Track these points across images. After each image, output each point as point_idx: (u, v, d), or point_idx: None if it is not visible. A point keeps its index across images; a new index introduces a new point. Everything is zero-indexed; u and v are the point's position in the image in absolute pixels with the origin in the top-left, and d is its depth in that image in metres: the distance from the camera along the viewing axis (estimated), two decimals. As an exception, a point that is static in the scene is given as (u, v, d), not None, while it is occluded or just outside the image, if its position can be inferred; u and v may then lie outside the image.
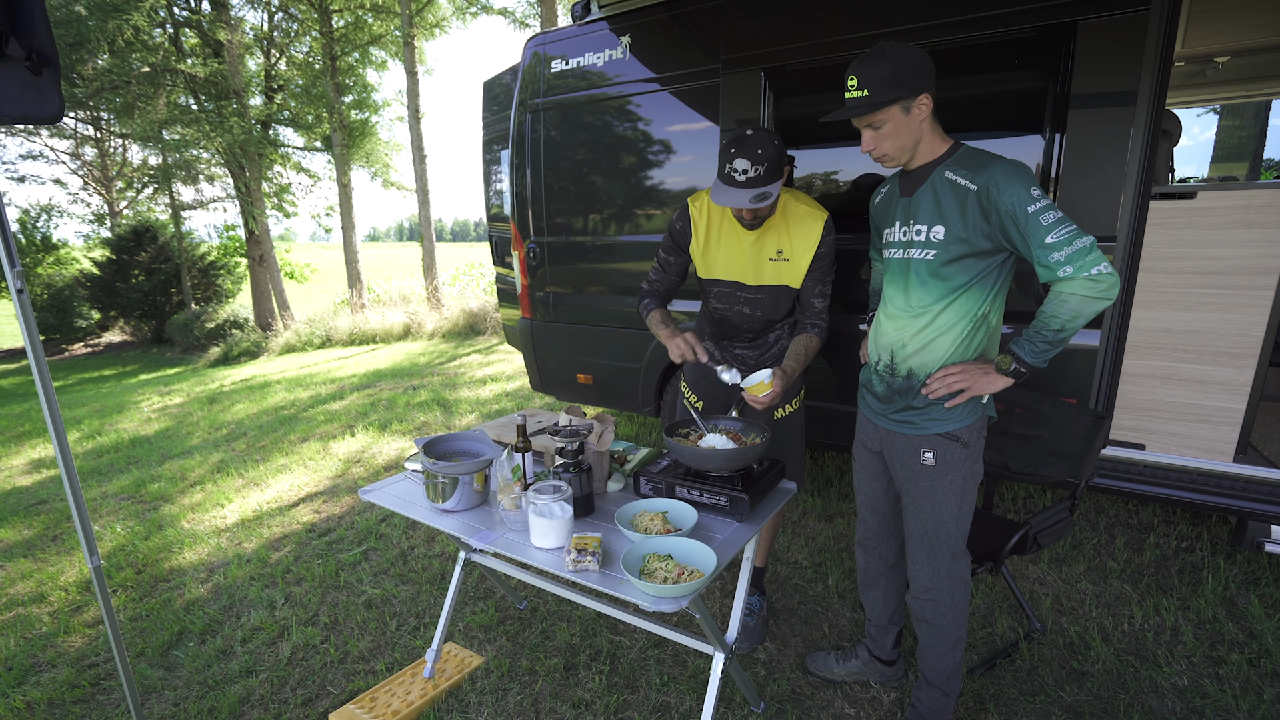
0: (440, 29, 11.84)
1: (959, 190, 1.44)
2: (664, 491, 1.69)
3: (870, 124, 1.47)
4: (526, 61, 3.38)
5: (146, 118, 10.35)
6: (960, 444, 1.55)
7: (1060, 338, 1.39)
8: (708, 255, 1.94)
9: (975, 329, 1.51)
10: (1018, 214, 1.36)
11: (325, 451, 4.52)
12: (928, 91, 1.44)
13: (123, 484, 4.28)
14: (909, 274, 1.55)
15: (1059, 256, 1.33)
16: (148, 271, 16.68)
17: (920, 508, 1.61)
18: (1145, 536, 2.62)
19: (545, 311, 3.56)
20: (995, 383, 1.47)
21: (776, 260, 1.88)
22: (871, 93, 1.42)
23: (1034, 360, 1.42)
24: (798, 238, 1.85)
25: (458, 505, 1.71)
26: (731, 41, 2.57)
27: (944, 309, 1.50)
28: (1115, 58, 1.95)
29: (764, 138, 1.66)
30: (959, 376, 1.49)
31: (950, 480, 1.56)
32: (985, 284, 1.48)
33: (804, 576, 2.51)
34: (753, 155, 1.64)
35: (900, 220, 1.58)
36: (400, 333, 10.70)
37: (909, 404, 1.58)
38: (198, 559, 3.07)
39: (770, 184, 1.67)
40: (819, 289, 1.91)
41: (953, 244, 1.46)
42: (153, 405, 7.22)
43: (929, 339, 1.53)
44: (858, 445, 1.80)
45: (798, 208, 1.86)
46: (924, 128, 1.48)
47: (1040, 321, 1.40)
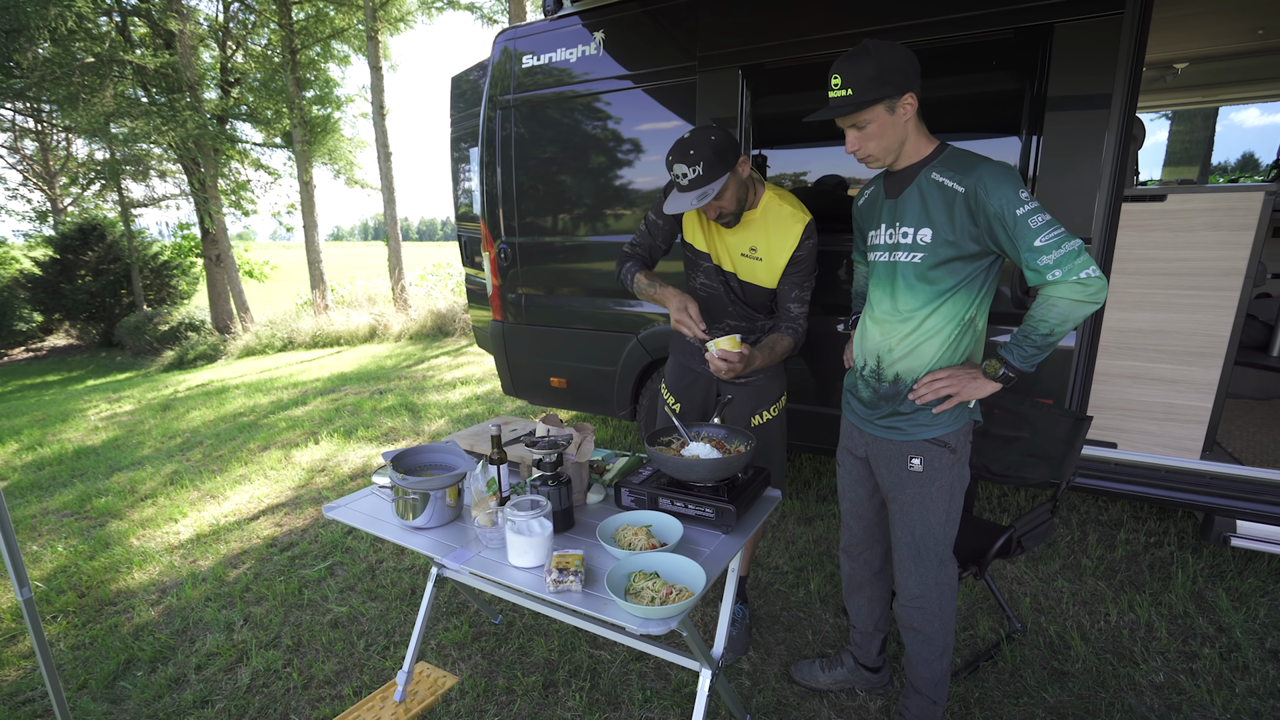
0: (405, 23, 11.56)
1: (946, 192, 1.41)
2: (647, 503, 1.63)
3: (854, 124, 1.43)
4: (496, 57, 3.28)
5: (92, 110, 9.83)
6: (948, 449, 1.52)
7: (1049, 342, 1.37)
8: (703, 231, 1.89)
9: (962, 333, 1.48)
10: (1006, 216, 1.33)
11: (287, 460, 4.34)
12: (913, 91, 1.40)
13: (66, 499, 4.03)
14: (895, 277, 1.52)
15: (1048, 260, 1.31)
16: (95, 272, 15.91)
17: (908, 515, 1.58)
18: (1116, 533, 2.67)
19: (517, 313, 3.47)
20: (983, 388, 1.45)
21: (749, 257, 1.84)
22: (856, 92, 1.38)
23: (1022, 365, 1.40)
24: (775, 238, 1.81)
25: (429, 522, 1.62)
26: (708, 38, 2.52)
27: (931, 313, 1.47)
28: (1090, 61, 1.96)
29: (698, 137, 1.65)
30: (947, 381, 1.47)
31: (938, 486, 1.54)
32: (972, 287, 1.46)
33: (786, 582, 2.48)
34: (687, 158, 1.63)
35: (886, 222, 1.55)
36: (366, 335, 10.41)
37: (896, 409, 1.55)
38: (148, 579, 2.89)
39: (712, 181, 1.64)
40: (796, 293, 1.87)
41: (940, 247, 1.43)
42: (100, 413, 6.87)
43: (916, 343, 1.50)
44: (842, 451, 1.77)
45: (781, 207, 1.82)
46: (909, 128, 1.44)
47: (1028, 326, 1.38)
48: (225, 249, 12.68)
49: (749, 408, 1.99)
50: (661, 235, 1.96)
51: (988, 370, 1.45)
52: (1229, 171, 10.68)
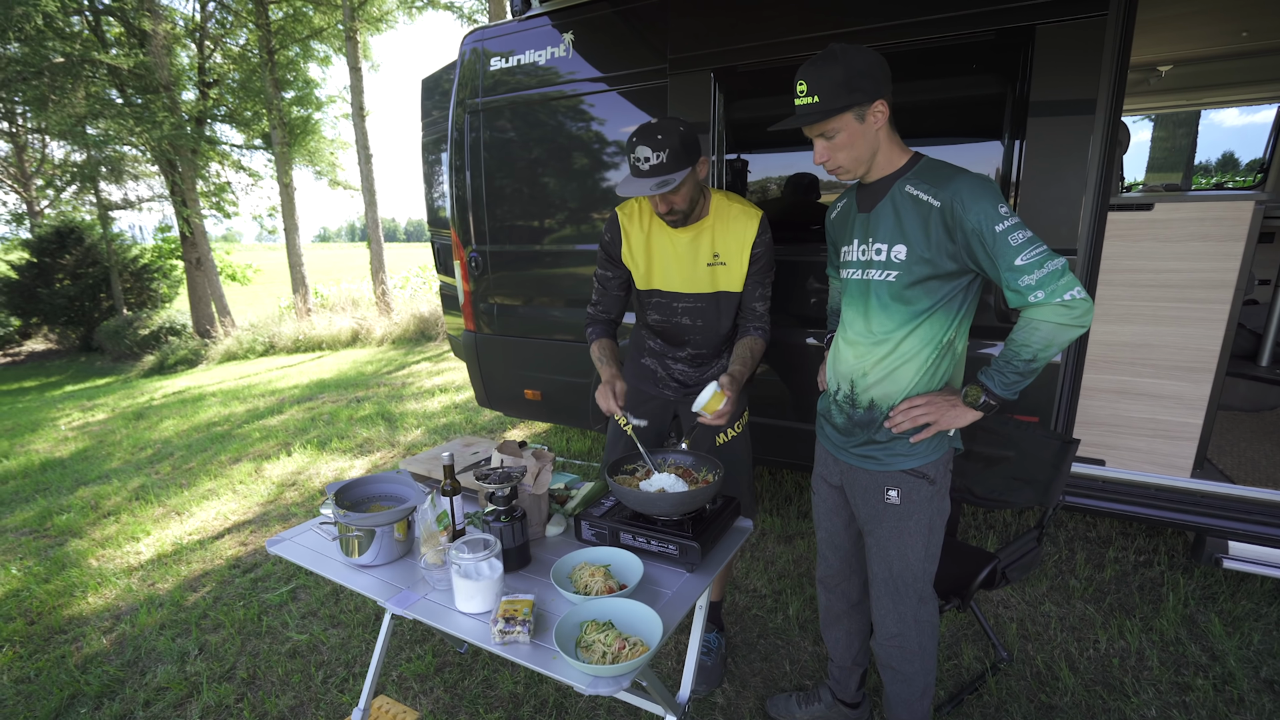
0: (386, 23, 11.39)
1: (921, 206, 1.32)
2: (607, 538, 1.53)
3: (822, 133, 1.34)
4: (465, 59, 3.16)
5: (63, 111, 9.60)
6: (926, 481, 1.43)
7: (1032, 368, 1.28)
8: (642, 264, 1.82)
9: (940, 357, 1.39)
10: (984, 233, 1.24)
11: (258, 474, 4.21)
12: (884, 97, 1.31)
13: (26, 516, 3.89)
14: (869, 296, 1.42)
15: (1029, 280, 1.22)
16: (73, 275, 15.60)
17: (884, 549, 1.49)
18: (1105, 551, 2.59)
19: (489, 323, 3.36)
20: (963, 416, 1.36)
21: (715, 265, 1.77)
22: (823, 99, 1.29)
23: (1004, 392, 1.31)
24: (732, 238, 1.74)
25: (376, 559, 1.51)
26: (679, 40, 2.42)
27: (907, 335, 1.38)
28: (1074, 64, 1.88)
29: (668, 125, 1.58)
30: (924, 409, 1.38)
31: (916, 520, 1.45)
32: (950, 308, 1.37)
33: (763, 606, 2.39)
34: (654, 142, 1.55)
35: (859, 238, 1.45)
36: (348, 339, 10.25)
37: (871, 438, 1.46)
38: (103, 604, 2.76)
39: (674, 171, 1.56)
40: (759, 291, 1.81)
41: (915, 264, 1.34)
42: (71, 422, 6.69)
43: (891, 367, 1.41)
44: (816, 478, 1.68)
45: (730, 207, 1.75)
46: (881, 137, 1.35)
47: (1010, 351, 1.29)
48: (205, 252, 12.46)
49: (712, 428, 1.89)
50: (616, 284, 1.89)
51: (968, 397, 1.36)
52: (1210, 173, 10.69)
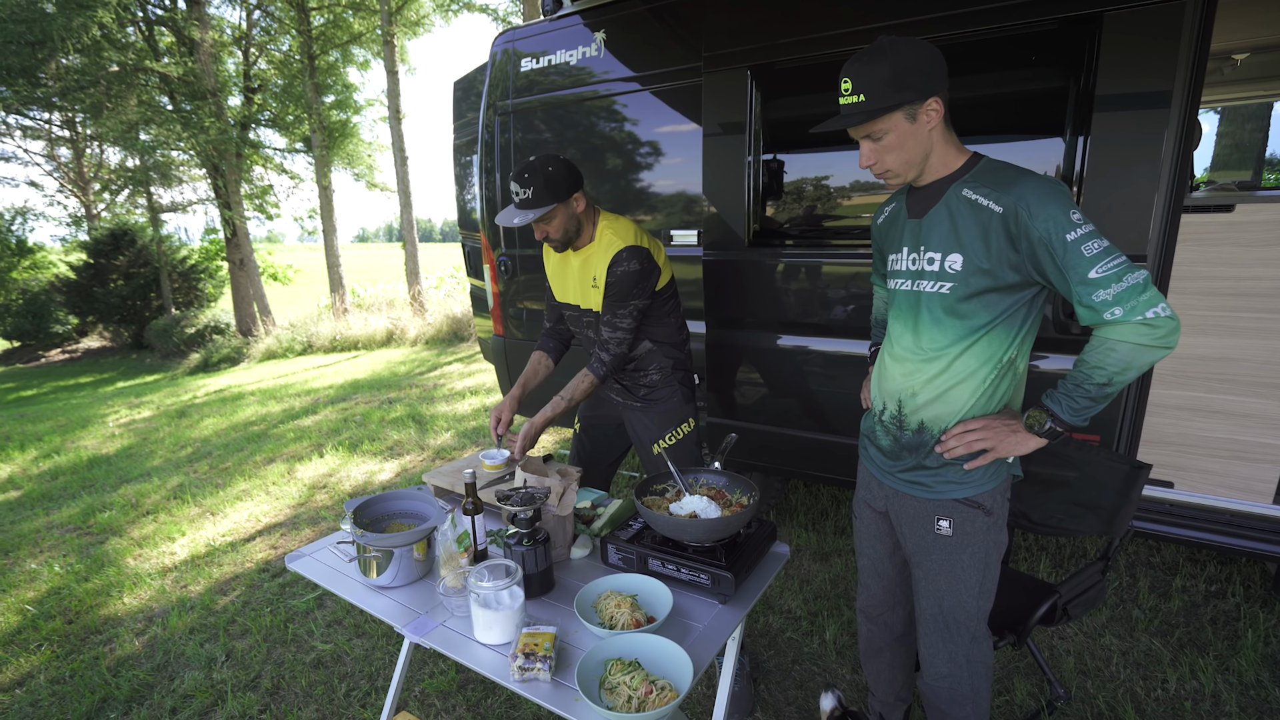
0: (422, 27, 11.53)
1: (980, 212, 1.20)
2: (635, 564, 1.44)
3: (869, 134, 1.23)
4: (495, 60, 3.12)
5: (116, 118, 9.97)
6: (982, 511, 1.31)
7: (1106, 393, 1.14)
8: (554, 278, 2.03)
9: (1000, 376, 1.27)
10: (1054, 243, 1.11)
11: (290, 475, 4.25)
12: (938, 95, 1.19)
13: (71, 512, 3.99)
14: (919, 309, 1.31)
15: (1105, 295, 1.08)
16: (126, 275, 16.25)
17: (934, 584, 1.37)
18: (1171, 579, 2.40)
19: (519, 328, 3.31)
20: (1024, 443, 1.23)
21: (595, 287, 1.89)
22: (869, 97, 1.17)
23: (1072, 418, 1.18)
24: (598, 265, 1.85)
25: (394, 580, 1.46)
26: (714, 37, 2.32)
27: (962, 353, 1.26)
28: (1147, 53, 1.72)
29: (537, 164, 1.73)
30: (981, 434, 1.25)
31: (970, 554, 1.32)
32: (1011, 323, 1.24)
33: (798, 629, 2.27)
34: (521, 179, 1.72)
35: (909, 245, 1.34)
36: (383, 339, 10.40)
37: (920, 462, 1.34)
38: (137, 605, 2.80)
39: (537, 206, 1.72)
40: (605, 317, 1.89)
41: (973, 276, 1.21)
42: (119, 419, 6.92)
43: (944, 387, 1.29)
44: (859, 502, 1.57)
45: (604, 235, 1.85)
46: (934, 137, 1.23)
47: (1081, 373, 1.16)
48: (248, 253, 12.82)
49: (653, 433, 2.00)
50: (551, 305, 2.10)
51: (1031, 422, 1.22)
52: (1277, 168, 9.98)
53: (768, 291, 2.43)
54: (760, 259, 2.41)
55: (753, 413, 2.61)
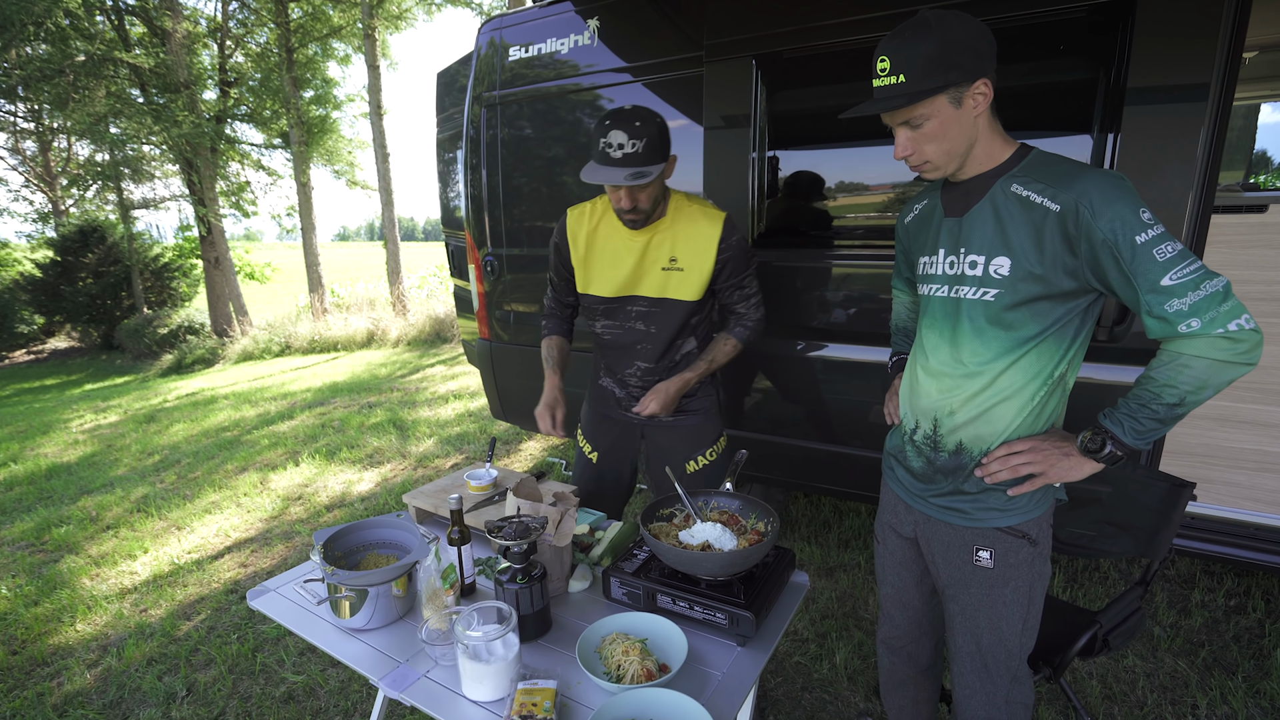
0: (404, 21, 11.27)
1: (1032, 210, 1.07)
2: (641, 599, 1.30)
3: (908, 121, 1.10)
4: (482, 50, 2.96)
5: (83, 110, 9.58)
6: (1027, 541, 1.18)
7: (1176, 414, 1.01)
8: (590, 267, 1.70)
9: (1049, 394, 1.14)
10: (1120, 245, 0.98)
11: (263, 485, 4.04)
12: (986, 76, 1.06)
13: (25, 527, 3.75)
14: (958, 318, 1.17)
15: (1180, 305, 0.96)
16: (95, 274, 15.71)
17: (972, 620, 1.25)
18: (1188, 593, 2.31)
19: (505, 332, 3.14)
20: (1078, 468, 1.10)
21: (670, 269, 1.63)
22: (910, 78, 1.04)
23: (1135, 441, 1.05)
24: (694, 243, 1.60)
25: (369, 622, 1.30)
26: (716, 24, 2.18)
27: (1008, 367, 1.13)
28: (1183, 43, 1.61)
29: (645, 113, 1.47)
30: (1028, 456, 1.12)
31: (1014, 588, 1.20)
32: (1064, 335, 1.11)
33: (806, 653, 2.14)
34: (630, 128, 1.42)
35: (945, 247, 1.20)
36: (364, 339, 10.13)
37: (958, 487, 1.22)
38: (91, 632, 2.59)
39: (651, 164, 1.45)
40: (739, 292, 1.70)
41: (1022, 282, 1.08)
42: (83, 425, 6.61)
43: (986, 405, 1.16)
44: (883, 526, 1.43)
45: (690, 208, 1.61)
46: (980, 125, 1.10)
47: (1148, 391, 1.02)
48: (223, 251, 12.44)
49: (683, 453, 1.78)
50: (566, 290, 1.81)
51: (1086, 445, 1.09)
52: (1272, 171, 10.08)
53: (773, 295, 2.29)
54: (765, 261, 2.28)
55: (754, 422, 2.47)
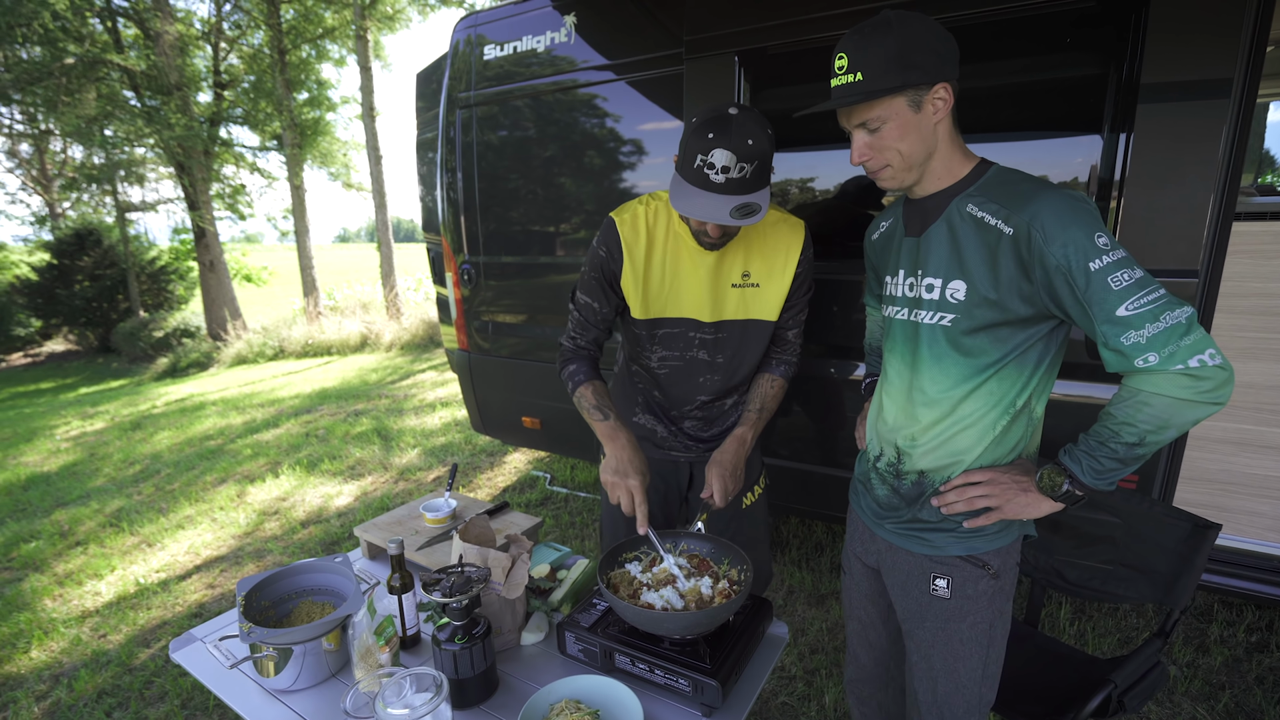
0: (397, 21, 11.14)
1: (986, 232, 0.98)
2: (598, 659, 1.16)
3: (863, 122, 1.01)
4: (458, 48, 2.82)
5: (73, 112, 9.48)
6: (987, 573, 1.09)
7: (1137, 455, 0.92)
8: (650, 288, 1.38)
9: (1012, 422, 1.04)
10: (1074, 272, 0.90)
11: (240, 499, 3.91)
12: (947, 81, 0.98)
13: (-6, 542, 3.63)
14: (917, 343, 1.08)
15: (1137, 337, 0.87)
16: (92, 277, 15.65)
17: (928, 659, 1.14)
18: (1206, 627, 2.16)
19: (484, 343, 3.01)
20: (1034, 505, 1.01)
21: (743, 286, 1.37)
22: (867, 76, 0.97)
23: (1094, 482, 0.95)
24: (770, 254, 1.36)
25: (295, 683, 1.16)
26: (697, 18, 2.05)
27: (968, 394, 1.04)
28: (1202, 34, 1.47)
29: (754, 122, 1.14)
30: (985, 489, 1.03)
31: (971, 623, 1.10)
32: (1025, 361, 1.02)
33: (792, 692, 2.00)
34: (740, 147, 1.12)
35: (905, 268, 1.11)
36: (357, 343, 10.01)
37: (916, 515, 1.12)
38: (45, 660, 2.46)
39: (758, 190, 1.17)
40: (796, 316, 1.46)
41: (978, 307, 1.00)
42: (68, 432, 6.50)
43: (946, 434, 1.06)
44: (849, 555, 1.33)
45: (766, 214, 1.34)
46: (940, 135, 1.02)
47: (1107, 429, 0.93)
48: (218, 254, 12.33)
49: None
50: (604, 316, 1.43)
51: (1044, 483, 1.00)
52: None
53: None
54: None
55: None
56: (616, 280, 1.39)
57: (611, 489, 1.26)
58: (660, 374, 1.47)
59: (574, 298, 1.45)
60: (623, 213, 1.38)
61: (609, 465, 1.28)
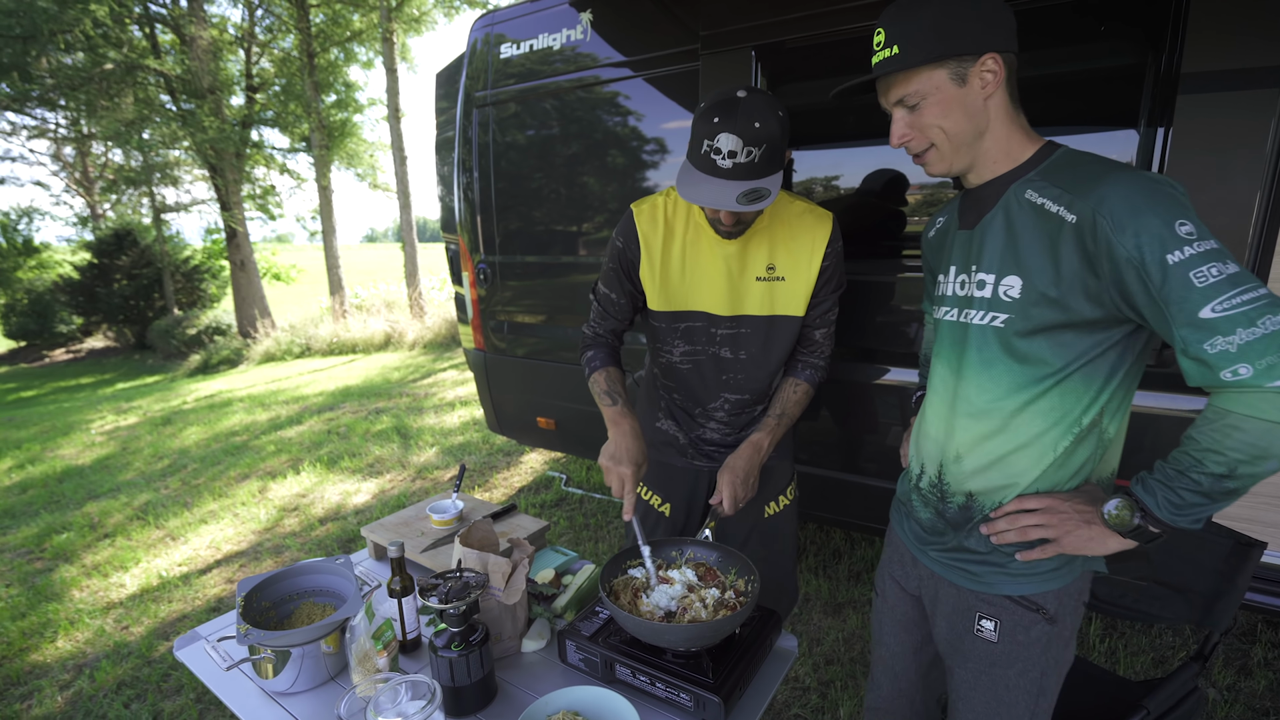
0: (423, 24, 11.27)
1: (1047, 220, 0.87)
2: (599, 670, 1.12)
3: (901, 99, 0.92)
4: (475, 47, 2.82)
5: (112, 116, 9.77)
6: (1042, 617, 0.98)
7: (1226, 489, 0.77)
8: (668, 279, 1.34)
9: (1076, 442, 0.92)
10: (1148, 266, 0.77)
11: (261, 495, 3.97)
12: (996, 50, 0.87)
13: (29, 533, 3.73)
14: (965, 346, 0.98)
15: (1225, 344, 0.73)
16: (129, 275, 16.16)
17: (967, 701, 1.05)
18: (1249, 648, 2.05)
19: (500, 343, 3.00)
20: (1098, 540, 0.88)
21: (767, 280, 1.32)
22: (903, 49, 0.88)
23: (1172, 517, 0.81)
24: (795, 246, 1.31)
25: (294, 685, 1.15)
26: (713, 13, 2.00)
27: (1022, 408, 0.93)
28: (1248, 18, 1.38)
29: (764, 105, 1.09)
30: (1041, 518, 0.92)
31: (1020, 671, 1.00)
32: (1093, 373, 0.89)
33: (806, 704, 1.94)
34: (747, 129, 1.08)
35: (958, 264, 1.01)
36: (381, 342, 10.15)
37: (961, 543, 1.02)
38: (70, 650, 2.52)
39: (768, 175, 1.12)
40: (824, 315, 1.39)
41: (1035, 306, 0.89)
42: (103, 426, 6.69)
43: (997, 453, 0.96)
44: (884, 577, 1.24)
45: (790, 206, 1.32)
46: (993, 111, 0.91)
47: (1189, 457, 0.79)
48: (248, 254, 12.62)
49: (755, 500, 1.48)
50: (624, 307, 1.42)
51: (1113, 516, 0.85)
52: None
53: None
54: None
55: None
56: (634, 272, 1.37)
57: (606, 473, 1.27)
58: (683, 370, 1.43)
59: (595, 289, 1.46)
60: (641, 204, 1.36)
61: (607, 450, 1.28)
